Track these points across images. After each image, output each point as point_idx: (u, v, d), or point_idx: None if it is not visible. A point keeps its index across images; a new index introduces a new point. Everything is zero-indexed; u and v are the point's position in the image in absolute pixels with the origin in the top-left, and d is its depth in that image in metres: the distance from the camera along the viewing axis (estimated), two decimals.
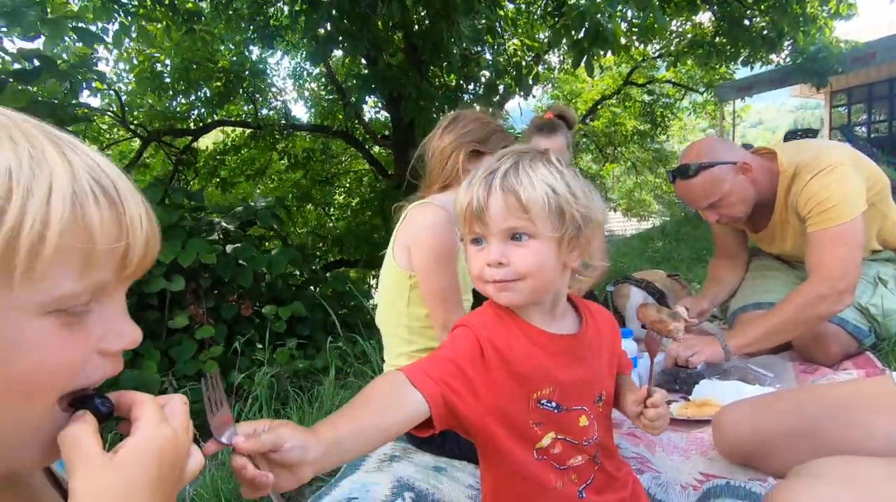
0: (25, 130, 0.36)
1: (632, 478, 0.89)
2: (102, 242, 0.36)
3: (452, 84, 6.88)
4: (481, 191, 0.73)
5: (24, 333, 0.34)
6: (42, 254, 0.34)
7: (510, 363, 0.73)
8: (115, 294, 0.40)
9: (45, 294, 0.35)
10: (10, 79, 3.21)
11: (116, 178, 0.39)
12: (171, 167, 7.17)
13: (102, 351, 0.40)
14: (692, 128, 14.96)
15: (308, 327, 3.79)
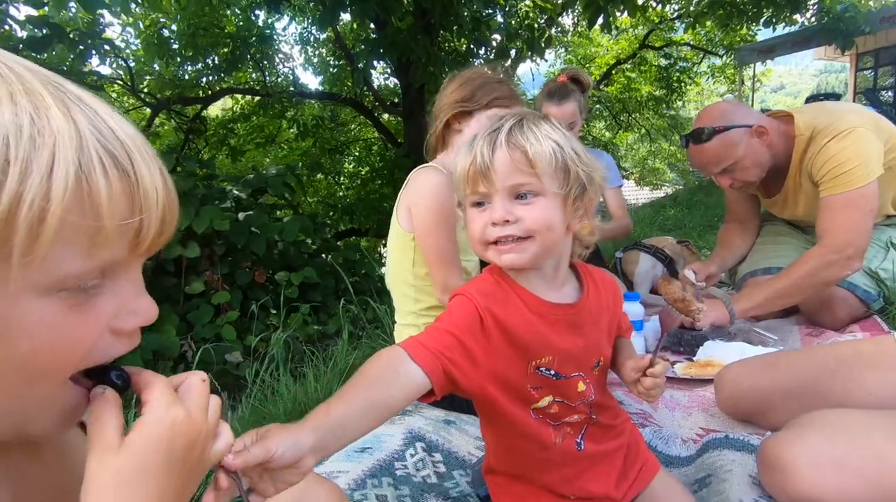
0: (30, 86, 0.32)
1: (629, 426, 0.91)
2: (111, 219, 0.33)
3: (463, 49, 6.74)
4: (486, 147, 0.71)
5: (26, 314, 0.32)
6: (42, 235, 0.30)
7: (509, 332, 0.73)
8: (130, 270, 0.37)
9: (48, 274, 0.32)
10: (20, 46, 3.21)
11: (129, 143, 0.35)
12: (182, 136, 7.18)
13: (115, 330, 0.37)
14: (710, 93, 14.54)
15: (320, 293, 3.87)
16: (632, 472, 0.85)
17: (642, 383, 0.76)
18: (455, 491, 1.05)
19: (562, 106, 1.99)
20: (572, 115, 2.02)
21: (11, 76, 0.32)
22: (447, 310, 0.74)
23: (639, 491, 0.84)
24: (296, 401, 1.49)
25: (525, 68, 8.25)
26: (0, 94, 0.31)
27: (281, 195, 4.50)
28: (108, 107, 0.36)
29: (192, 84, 7.14)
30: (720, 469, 1.01)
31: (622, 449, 0.86)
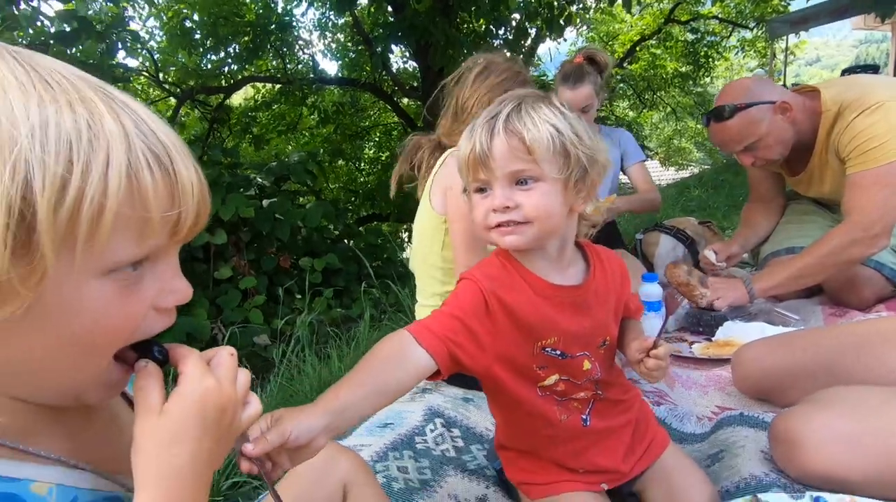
0: (84, 94, 0.36)
1: (639, 402, 0.92)
2: (157, 211, 0.37)
3: (482, 30, 6.65)
4: (484, 135, 0.72)
5: (85, 294, 0.36)
6: (102, 226, 0.35)
7: (515, 315, 0.74)
8: (169, 255, 0.42)
9: (106, 260, 0.36)
10: (51, 41, 3.32)
11: (168, 143, 0.39)
12: (207, 125, 7.32)
13: (158, 307, 0.42)
14: (739, 68, 14.02)
15: (343, 278, 3.95)
16: (640, 447, 0.87)
17: (645, 363, 0.77)
18: (472, 463, 1.10)
19: (576, 90, 1.97)
20: (587, 98, 1.99)
21: (68, 85, 0.35)
22: (453, 294, 0.76)
23: (647, 465, 0.87)
24: (321, 380, 1.56)
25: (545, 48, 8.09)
26: (60, 102, 0.34)
27: (303, 182, 4.58)
28: (148, 110, 0.40)
29: (215, 73, 7.26)
30: (733, 445, 1.02)
31: (630, 425, 0.88)
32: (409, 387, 0.70)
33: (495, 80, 1.41)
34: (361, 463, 0.83)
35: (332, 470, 0.78)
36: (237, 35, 6.81)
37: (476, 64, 1.45)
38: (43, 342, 0.37)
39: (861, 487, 0.80)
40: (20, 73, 0.35)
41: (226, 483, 1.16)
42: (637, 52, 11.69)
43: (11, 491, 0.39)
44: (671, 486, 0.84)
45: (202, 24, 6.64)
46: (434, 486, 1.01)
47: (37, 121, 0.33)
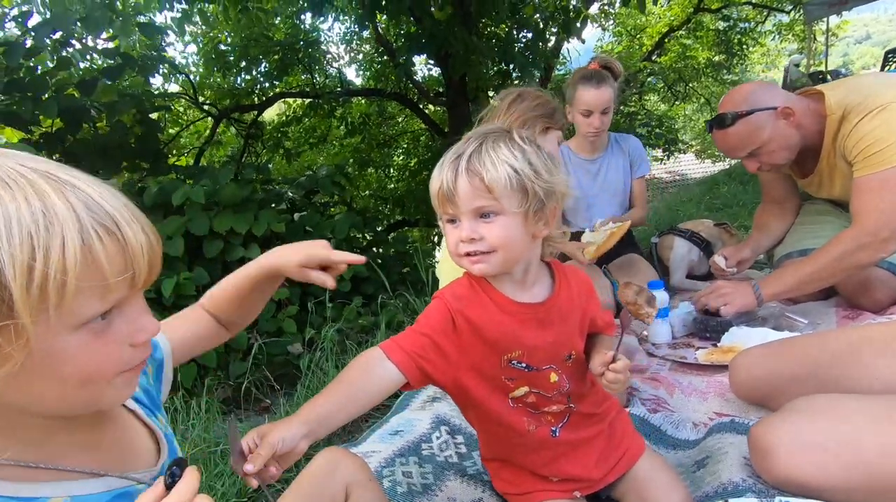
0: (37, 187, 0.42)
1: (614, 412, 0.97)
2: (113, 275, 0.44)
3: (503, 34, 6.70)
4: (450, 174, 0.79)
5: (65, 346, 0.45)
6: (66, 294, 0.42)
7: (480, 331, 0.82)
8: (133, 300, 0.49)
9: (76, 318, 0.44)
10: (98, 77, 3.61)
11: (114, 213, 0.45)
12: (241, 142, 7.67)
13: (133, 344, 0.50)
14: (777, 53, 13.45)
15: (372, 286, 4.09)
16: (614, 455, 0.93)
17: (605, 377, 0.83)
18: (472, 469, 1.18)
19: (600, 89, 2.03)
20: (609, 100, 2.06)
21: (24, 181, 0.43)
22: (424, 313, 0.85)
23: (622, 473, 0.93)
24: None
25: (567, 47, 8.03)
26: (18, 199, 0.42)
27: (332, 194, 4.76)
28: (95, 182, 0.47)
29: (248, 92, 7.59)
30: (718, 451, 1.07)
31: (602, 435, 0.94)
32: (379, 399, 0.79)
33: (529, 105, 1.51)
34: (363, 467, 0.92)
35: (334, 474, 0.87)
36: (267, 54, 7.10)
37: (509, 94, 1.55)
38: (48, 386, 0.46)
39: (831, 493, 0.84)
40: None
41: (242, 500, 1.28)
42: (666, 43, 11.42)
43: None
44: (646, 493, 0.90)
45: (234, 46, 6.97)
46: (434, 490, 1.10)
47: (1, 219, 0.41)
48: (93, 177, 0.48)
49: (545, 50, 6.56)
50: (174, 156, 6.94)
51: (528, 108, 1.49)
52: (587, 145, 2.26)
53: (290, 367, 2.84)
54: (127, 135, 3.83)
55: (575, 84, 2.09)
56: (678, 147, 11.92)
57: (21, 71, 3.20)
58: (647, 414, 1.31)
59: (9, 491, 0.48)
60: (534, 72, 6.46)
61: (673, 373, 1.54)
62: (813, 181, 1.85)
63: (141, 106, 3.98)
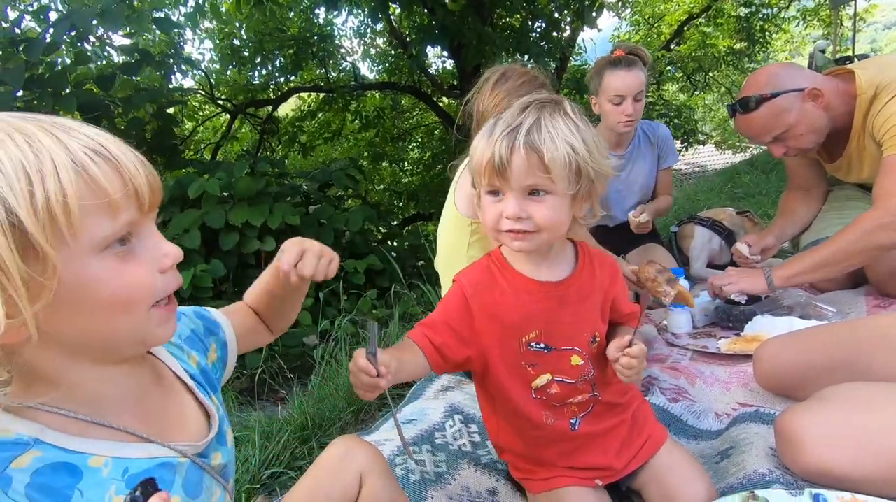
0: (18, 126, 0.45)
1: (637, 402, 0.95)
2: (114, 191, 0.46)
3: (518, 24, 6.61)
4: (504, 147, 0.74)
5: (93, 271, 0.46)
6: (73, 214, 0.44)
7: (496, 315, 0.82)
8: (147, 227, 0.51)
9: (93, 240, 0.46)
10: (117, 72, 3.66)
11: (101, 139, 0.48)
12: (257, 137, 7.72)
13: (160, 269, 0.52)
14: (801, 39, 13.06)
15: (387, 279, 4.09)
16: (637, 442, 0.90)
17: (619, 361, 0.80)
18: (486, 458, 1.16)
19: (631, 72, 1.86)
20: (641, 84, 1.88)
21: (6, 125, 0.45)
22: (444, 298, 0.85)
23: (643, 462, 0.89)
24: (347, 382, 1.67)
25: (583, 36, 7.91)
26: (4, 139, 0.44)
27: (345, 187, 4.76)
28: (79, 122, 0.49)
29: (263, 87, 7.63)
30: (743, 441, 1.03)
31: (625, 424, 0.91)
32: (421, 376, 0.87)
33: (513, 84, 1.44)
34: (378, 454, 0.91)
35: (349, 461, 0.86)
36: (282, 49, 7.13)
37: (493, 72, 1.49)
38: (89, 316, 0.48)
39: (862, 485, 0.80)
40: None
41: (265, 472, 1.29)
42: (685, 31, 11.17)
43: (73, 463, 0.48)
44: (667, 483, 0.87)
45: (249, 41, 7.01)
46: (448, 479, 1.08)
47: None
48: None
49: (560, 40, 6.46)
50: (191, 151, 7.02)
51: (512, 86, 1.41)
52: (614, 138, 2.05)
53: (305, 358, 2.85)
54: (144, 129, 3.87)
55: (601, 71, 1.91)
56: (697, 138, 11.68)
57: (41, 67, 3.25)
58: (668, 403, 1.27)
59: (59, 442, 0.49)
60: (549, 62, 6.37)
61: (694, 363, 1.49)
62: (842, 165, 1.78)
63: (157, 101, 4.02)
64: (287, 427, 1.46)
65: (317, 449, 1.42)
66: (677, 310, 1.71)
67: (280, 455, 1.37)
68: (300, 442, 1.44)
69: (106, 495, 0.50)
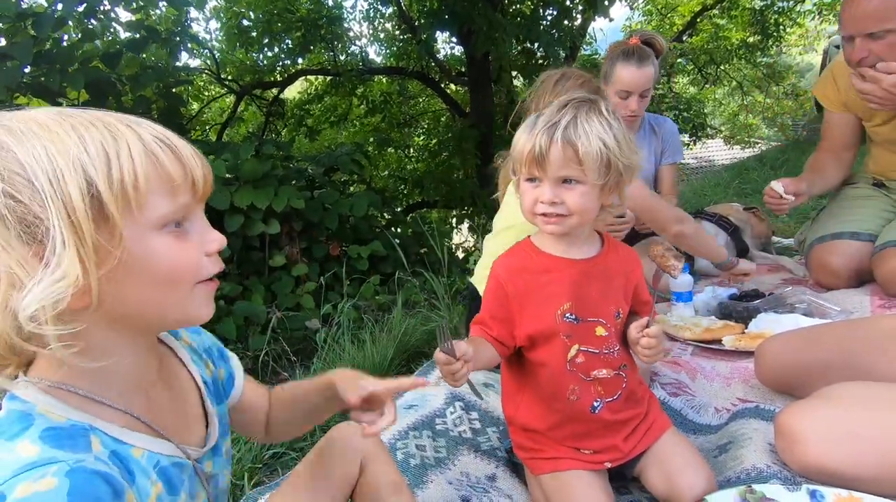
0: (100, 117, 0.52)
1: (649, 393, 0.99)
2: (176, 176, 0.52)
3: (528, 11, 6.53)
4: (543, 139, 0.84)
5: (153, 245, 0.51)
6: (141, 190, 0.50)
7: (531, 291, 0.91)
8: (197, 213, 0.56)
9: (155, 216, 0.51)
10: (123, 49, 3.63)
11: (171, 136, 0.55)
12: (263, 119, 7.69)
13: (207, 252, 0.56)
14: (816, 34, 12.85)
15: (390, 265, 4.09)
16: (641, 429, 0.93)
17: (640, 342, 0.87)
18: (486, 445, 1.17)
19: (642, 69, 1.83)
20: (649, 80, 1.86)
21: (86, 117, 0.52)
22: (486, 285, 0.94)
23: (647, 446, 0.91)
24: (354, 362, 1.68)
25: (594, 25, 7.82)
26: (87, 126, 0.50)
27: (351, 172, 4.75)
28: (155, 124, 0.55)
29: (270, 68, 7.58)
30: (742, 436, 1.03)
31: (638, 417, 0.94)
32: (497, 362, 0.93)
33: (573, 84, 1.45)
34: (378, 441, 0.92)
35: (351, 445, 0.88)
36: (290, 30, 7.07)
37: (552, 74, 1.50)
38: (143, 287, 0.52)
39: (860, 483, 0.80)
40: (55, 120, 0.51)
41: (267, 453, 1.30)
42: (698, 23, 11.00)
43: (122, 453, 0.52)
44: (668, 468, 0.88)
45: (257, 21, 6.94)
46: (448, 464, 1.09)
47: (78, 140, 0.49)
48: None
49: (571, 28, 6.37)
50: (197, 132, 7.00)
51: (573, 86, 1.44)
52: None
53: (308, 342, 2.87)
54: (150, 108, 3.85)
55: (614, 60, 1.86)
56: (706, 132, 11.57)
57: (48, 43, 3.23)
58: (668, 397, 1.28)
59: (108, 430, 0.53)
60: (559, 51, 6.29)
61: (695, 358, 1.49)
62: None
63: (164, 80, 3.99)
64: None
65: (318, 431, 1.44)
66: (679, 305, 1.71)
67: None
68: None
69: (148, 483, 0.53)
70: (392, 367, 1.74)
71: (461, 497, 0.99)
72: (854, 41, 1.44)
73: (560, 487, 0.89)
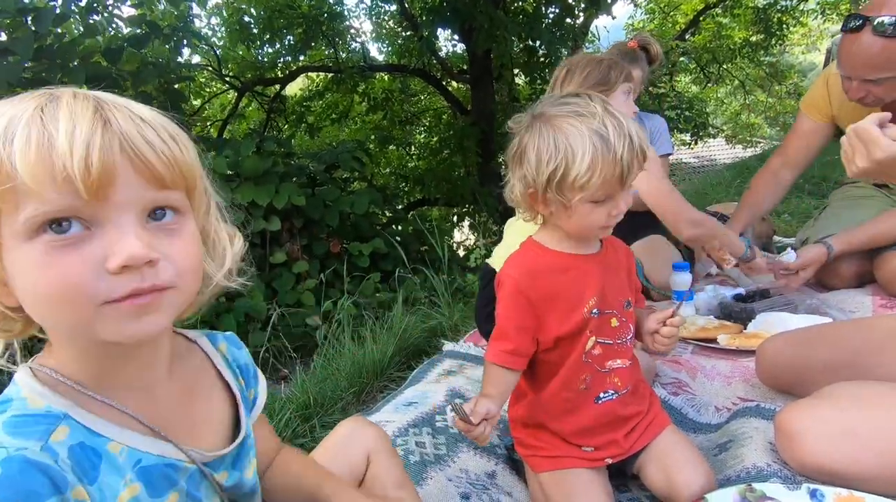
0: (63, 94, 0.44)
1: (650, 390, 0.99)
2: (30, 174, 0.41)
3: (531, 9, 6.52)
4: (628, 155, 0.79)
5: (24, 256, 0.43)
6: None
7: (556, 294, 0.87)
8: (112, 217, 0.44)
9: (14, 220, 0.42)
10: (125, 44, 3.63)
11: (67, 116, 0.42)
12: (264, 115, 7.68)
13: (107, 267, 0.44)
14: (819, 34, 12.82)
15: (391, 263, 4.09)
16: (642, 426, 0.93)
17: (661, 332, 0.87)
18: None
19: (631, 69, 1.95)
20: (635, 83, 1.90)
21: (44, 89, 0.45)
22: (501, 302, 0.89)
23: (647, 442, 0.92)
24: (354, 361, 1.68)
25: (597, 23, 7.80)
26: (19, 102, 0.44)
27: (352, 169, 4.74)
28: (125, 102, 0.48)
29: (271, 65, 7.57)
30: (742, 435, 1.03)
31: (640, 415, 0.94)
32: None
33: (580, 77, 1.45)
34: (384, 435, 0.92)
35: (357, 440, 0.88)
36: (291, 27, 7.06)
37: (559, 71, 1.49)
38: (29, 298, 0.45)
39: (861, 483, 0.80)
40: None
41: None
42: (701, 21, 10.96)
43: (94, 446, 0.48)
44: (667, 465, 0.88)
45: (259, 18, 6.93)
46: (447, 460, 1.10)
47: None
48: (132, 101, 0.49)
49: (573, 26, 6.36)
50: (198, 128, 6.99)
51: (578, 83, 1.44)
52: None
53: (308, 338, 2.87)
54: (151, 104, 3.84)
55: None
56: (708, 132, 11.54)
57: (49, 38, 3.23)
58: (668, 396, 1.28)
59: (85, 420, 0.48)
60: (560, 49, 6.28)
61: (695, 357, 1.49)
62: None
63: (165, 76, 3.99)
64: (290, 404, 1.47)
65: (318, 427, 1.44)
66: (678, 304, 1.71)
67: (282, 432, 1.38)
68: (302, 421, 1.46)
69: (121, 482, 0.49)
70: (392, 365, 1.74)
71: (461, 494, 1.00)
72: (852, 80, 1.43)
73: (560, 485, 0.89)
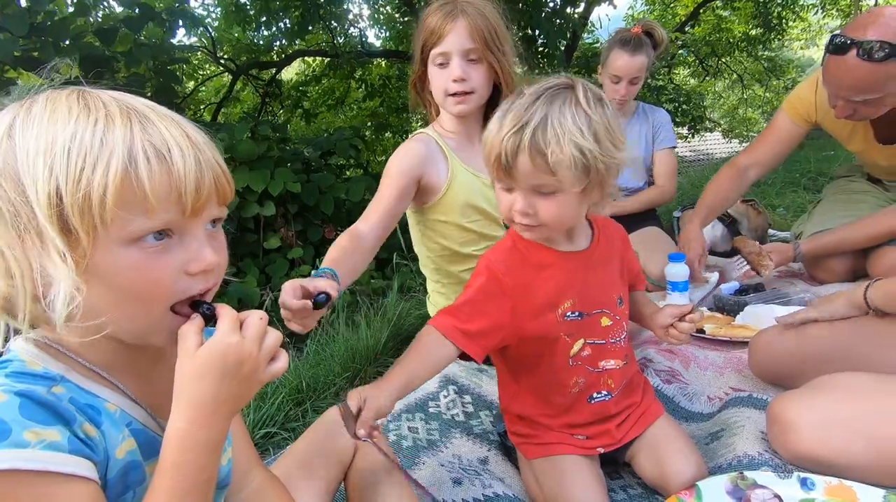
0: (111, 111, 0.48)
1: (643, 380, 0.99)
2: (154, 194, 0.48)
3: None
4: (510, 146, 0.74)
5: (117, 260, 0.48)
6: (108, 207, 0.47)
7: (531, 291, 0.84)
8: (193, 230, 0.52)
9: (123, 231, 0.48)
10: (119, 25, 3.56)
11: (169, 140, 0.49)
12: (259, 100, 7.58)
13: (187, 271, 0.52)
14: (818, 29, 12.80)
15: (385, 250, 4.08)
16: (634, 416, 0.93)
17: (677, 327, 0.85)
18: (478, 428, 1.17)
19: (634, 57, 1.97)
20: (640, 68, 1.99)
21: (106, 102, 0.49)
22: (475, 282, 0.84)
23: (639, 433, 0.92)
24: (348, 345, 1.68)
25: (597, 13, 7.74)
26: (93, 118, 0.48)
27: (347, 156, 4.71)
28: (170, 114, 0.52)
29: (267, 48, 7.45)
30: (734, 424, 1.04)
31: (634, 406, 0.94)
32: (445, 367, 0.85)
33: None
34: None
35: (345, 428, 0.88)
36: (288, 9, 6.93)
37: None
38: (109, 295, 0.50)
39: (850, 471, 0.81)
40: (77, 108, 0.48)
41: (259, 432, 1.30)
42: (701, 14, 10.89)
43: (95, 404, 0.52)
44: (659, 454, 0.89)
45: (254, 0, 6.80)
46: (440, 446, 1.10)
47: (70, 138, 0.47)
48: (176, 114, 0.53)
49: (573, 15, 6.30)
50: (191, 111, 6.90)
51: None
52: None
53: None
54: (144, 86, 3.79)
55: (611, 46, 2.02)
56: (705, 125, 11.53)
57: (40, 15, 3.15)
58: (661, 384, 1.28)
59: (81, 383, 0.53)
60: (560, 40, 6.22)
61: (689, 347, 1.50)
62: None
63: (159, 57, 3.92)
64: (282, 389, 1.47)
65: (311, 411, 1.44)
66: (675, 295, 1.71)
67: (274, 416, 1.38)
68: (294, 405, 1.46)
69: (119, 435, 0.53)
70: (386, 350, 1.74)
71: (452, 479, 1.00)
72: (838, 99, 1.43)
73: (552, 471, 0.89)
